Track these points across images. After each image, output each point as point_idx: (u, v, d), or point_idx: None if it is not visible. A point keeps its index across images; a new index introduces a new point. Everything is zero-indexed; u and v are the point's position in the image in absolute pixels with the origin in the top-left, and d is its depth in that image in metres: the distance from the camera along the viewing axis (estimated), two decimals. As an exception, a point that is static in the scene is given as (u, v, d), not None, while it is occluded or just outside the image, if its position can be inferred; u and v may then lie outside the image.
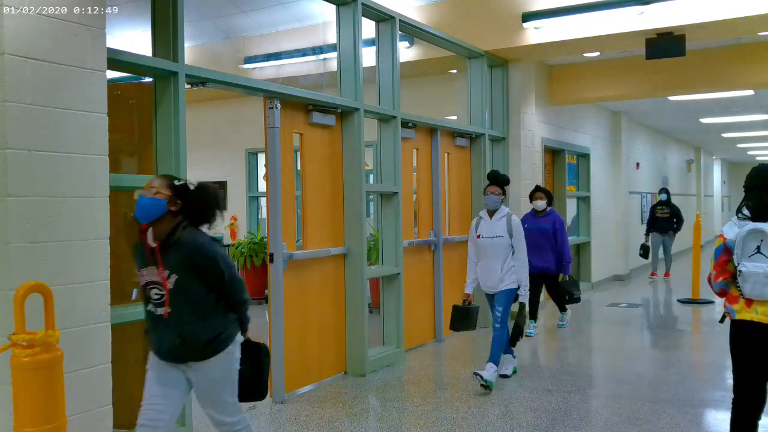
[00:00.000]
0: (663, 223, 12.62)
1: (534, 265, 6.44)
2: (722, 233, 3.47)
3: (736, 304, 3.43)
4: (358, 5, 5.93)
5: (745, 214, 3.39)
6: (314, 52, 8.66)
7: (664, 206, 12.63)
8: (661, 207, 12.66)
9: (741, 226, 3.37)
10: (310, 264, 5.63)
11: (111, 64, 3.76)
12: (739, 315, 3.40)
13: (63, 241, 3.43)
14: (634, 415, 4.83)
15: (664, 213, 12.61)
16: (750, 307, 3.35)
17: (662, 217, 12.61)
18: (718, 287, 3.49)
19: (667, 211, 12.59)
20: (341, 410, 5.04)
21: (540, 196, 7.60)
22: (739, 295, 3.38)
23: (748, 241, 3.30)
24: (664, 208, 12.62)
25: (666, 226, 12.62)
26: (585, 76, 10.02)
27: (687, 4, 6.75)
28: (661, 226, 12.65)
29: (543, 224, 7.49)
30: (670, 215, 12.58)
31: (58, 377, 2.92)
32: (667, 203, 12.61)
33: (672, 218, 12.59)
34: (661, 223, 12.65)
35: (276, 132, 5.25)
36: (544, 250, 7.40)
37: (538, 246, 7.22)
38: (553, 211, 7.65)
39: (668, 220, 12.60)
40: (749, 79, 9.17)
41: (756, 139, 19.00)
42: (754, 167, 3.57)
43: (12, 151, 3.21)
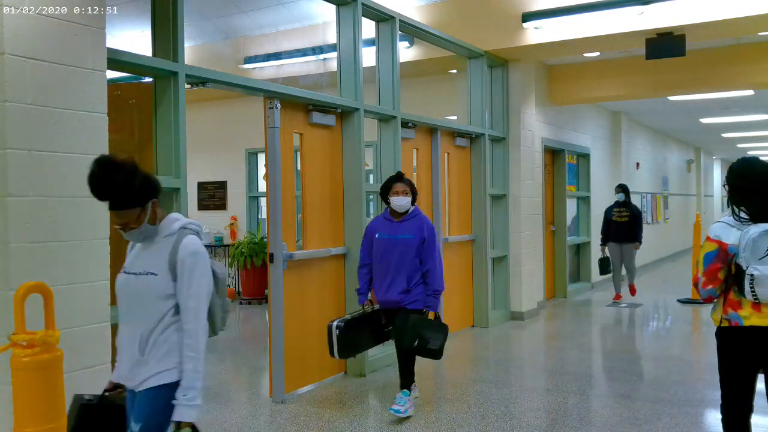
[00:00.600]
0: (621, 229, 10.01)
1: (382, 297, 4.94)
2: (717, 238, 3.20)
3: (741, 310, 3.18)
4: (358, 5, 5.93)
5: (745, 216, 3.18)
6: (314, 52, 8.65)
7: (621, 209, 10.00)
8: (618, 210, 10.01)
9: (741, 228, 3.15)
10: (310, 264, 5.63)
11: (111, 64, 3.76)
12: (749, 321, 3.15)
13: (63, 241, 3.43)
14: (634, 415, 4.83)
15: (621, 216, 9.97)
16: (761, 311, 3.13)
17: (619, 222, 9.99)
18: (706, 294, 3.28)
19: (625, 215, 9.96)
20: (341, 410, 5.04)
21: (401, 190, 4.91)
22: (741, 300, 3.17)
23: (759, 243, 3.08)
24: (621, 211, 9.99)
25: (624, 234, 10.02)
26: (585, 76, 10.02)
27: (687, 4, 6.75)
28: (618, 233, 10.02)
29: (403, 233, 4.86)
30: (629, 220, 9.97)
31: (58, 377, 2.92)
32: (625, 204, 10.02)
33: (632, 223, 9.97)
34: (618, 229, 10.01)
35: (276, 132, 5.25)
36: (399, 274, 4.82)
37: (391, 266, 4.84)
38: (418, 212, 4.99)
39: (627, 227, 9.99)
40: (749, 79, 9.17)
41: (756, 139, 19.00)
42: (746, 163, 3.30)
43: (12, 151, 3.21)
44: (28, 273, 3.24)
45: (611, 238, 10.04)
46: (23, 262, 3.25)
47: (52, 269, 3.37)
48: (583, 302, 10.32)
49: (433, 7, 7.87)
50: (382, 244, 4.91)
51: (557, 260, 10.61)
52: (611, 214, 10.05)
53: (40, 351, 2.85)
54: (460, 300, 7.95)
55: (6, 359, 2.90)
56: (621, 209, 9.99)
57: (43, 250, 3.34)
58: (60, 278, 3.39)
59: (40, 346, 2.85)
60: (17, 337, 2.83)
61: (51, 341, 2.88)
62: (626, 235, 9.98)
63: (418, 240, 4.83)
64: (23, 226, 3.26)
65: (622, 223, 9.99)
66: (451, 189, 7.80)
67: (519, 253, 8.55)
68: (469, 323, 8.13)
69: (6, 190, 3.20)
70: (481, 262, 8.11)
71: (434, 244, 4.87)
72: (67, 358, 3.12)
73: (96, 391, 2.76)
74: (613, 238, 10.03)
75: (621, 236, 10.00)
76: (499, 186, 8.52)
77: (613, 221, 10.01)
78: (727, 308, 3.24)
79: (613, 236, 10.02)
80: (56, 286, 3.24)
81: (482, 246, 8.10)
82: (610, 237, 10.05)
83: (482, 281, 8.11)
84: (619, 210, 9.99)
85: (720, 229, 3.22)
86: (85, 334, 3.53)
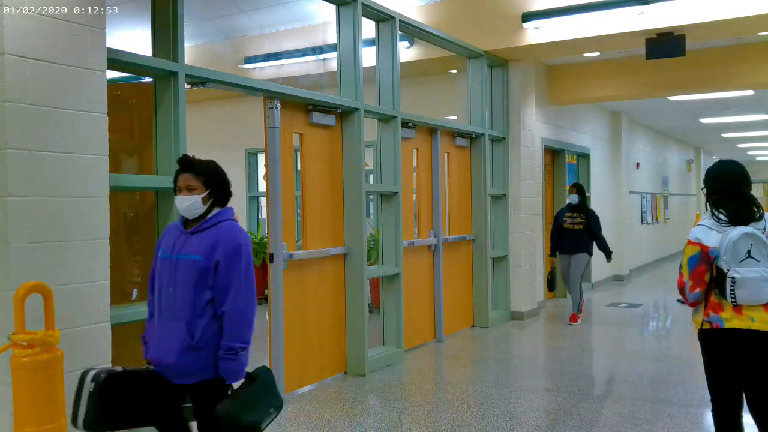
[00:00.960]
0: (573, 238, 8.20)
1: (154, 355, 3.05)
2: (697, 241, 3.20)
3: (723, 313, 3.19)
4: (358, 5, 5.93)
5: (724, 218, 3.19)
6: (314, 52, 8.66)
7: (574, 213, 8.28)
8: (570, 215, 8.29)
9: (721, 230, 3.16)
10: (310, 264, 5.63)
11: (111, 64, 3.76)
12: (730, 324, 3.15)
13: (63, 241, 3.43)
14: (634, 415, 4.83)
15: (575, 223, 8.21)
16: (742, 314, 3.14)
17: (572, 230, 8.24)
18: (693, 298, 3.25)
19: (579, 221, 8.22)
20: (341, 410, 5.04)
21: (186, 185, 3.13)
22: (722, 303, 3.18)
23: (739, 245, 3.11)
24: (575, 216, 8.26)
25: (577, 244, 8.19)
26: (585, 76, 10.02)
27: (687, 4, 6.75)
28: (569, 243, 8.23)
29: (188, 252, 3.04)
30: (584, 226, 8.24)
31: (58, 377, 2.92)
32: (579, 208, 8.27)
33: (587, 231, 8.25)
34: (570, 238, 8.23)
35: (276, 132, 5.25)
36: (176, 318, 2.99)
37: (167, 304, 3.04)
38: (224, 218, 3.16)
39: (581, 235, 8.23)
40: (749, 79, 9.16)
41: (756, 139, 18.99)
42: (721, 166, 3.33)
43: (12, 151, 3.21)
44: (28, 273, 3.24)
45: (561, 248, 8.35)
46: (23, 262, 3.25)
47: (52, 269, 3.37)
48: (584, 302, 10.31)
49: (433, 7, 7.87)
50: (161, 266, 3.09)
51: (557, 260, 10.59)
52: (562, 219, 8.36)
53: (40, 351, 2.85)
54: (460, 300, 7.95)
55: (6, 359, 2.90)
56: (574, 214, 8.27)
57: (43, 250, 3.34)
58: (60, 278, 3.39)
59: (40, 346, 2.85)
60: (17, 337, 2.83)
61: (51, 341, 2.88)
62: (579, 246, 8.23)
63: (208, 264, 2.98)
64: (23, 226, 3.26)
65: (574, 231, 8.24)
66: (451, 189, 7.80)
67: (519, 253, 8.55)
68: (469, 323, 8.13)
69: (6, 190, 3.20)
70: (481, 262, 8.11)
71: (238, 271, 2.99)
72: (67, 358, 3.12)
73: None
74: (563, 249, 8.32)
75: (572, 246, 8.22)
76: (499, 186, 8.52)
77: (565, 228, 8.31)
78: (708, 311, 3.24)
79: (564, 246, 8.29)
80: (56, 286, 3.24)
81: (482, 246, 8.10)
82: (559, 247, 8.38)
83: (482, 281, 8.11)
84: (572, 215, 8.28)
85: (700, 232, 3.21)
86: (85, 334, 3.53)
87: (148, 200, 4.41)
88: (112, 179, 3.75)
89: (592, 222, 8.28)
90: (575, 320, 8.40)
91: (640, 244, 14.73)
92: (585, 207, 8.36)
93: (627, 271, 13.15)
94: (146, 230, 4.40)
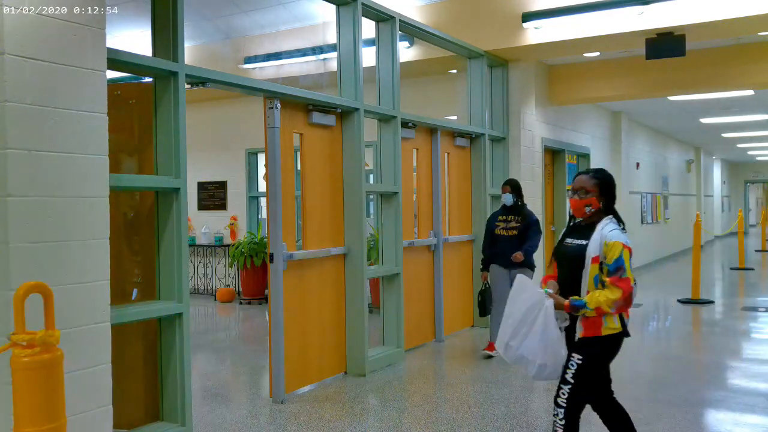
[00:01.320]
0: (508, 247, 6.40)
1: None
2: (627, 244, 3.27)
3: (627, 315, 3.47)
4: (358, 5, 5.93)
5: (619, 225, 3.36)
6: (314, 52, 8.66)
7: (509, 216, 6.53)
8: (504, 218, 6.55)
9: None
10: (310, 264, 5.63)
11: (111, 64, 3.76)
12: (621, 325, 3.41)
13: (63, 241, 3.43)
14: (635, 415, 4.81)
15: (509, 228, 6.48)
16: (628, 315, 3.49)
17: (505, 237, 6.46)
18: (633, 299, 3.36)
19: (514, 226, 6.47)
20: (341, 410, 5.04)
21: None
22: None
23: None
24: (508, 220, 6.52)
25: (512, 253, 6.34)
26: (585, 76, 10.02)
27: (687, 4, 6.75)
28: (503, 253, 6.43)
29: None
30: (519, 232, 6.45)
31: (58, 377, 2.92)
32: (514, 210, 6.54)
33: (524, 236, 6.43)
34: (504, 247, 6.44)
35: (276, 132, 5.25)
36: None
37: None
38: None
39: (517, 243, 6.40)
40: (749, 79, 9.17)
41: (756, 139, 19.01)
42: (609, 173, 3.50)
43: (12, 151, 3.21)
44: (28, 273, 3.24)
45: (494, 259, 6.58)
46: (23, 262, 3.25)
47: (52, 269, 3.37)
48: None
49: (433, 7, 7.87)
50: None
51: (557, 260, 10.58)
52: (493, 224, 6.64)
53: (40, 351, 2.85)
54: (460, 300, 7.95)
55: (6, 359, 2.90)
56: (508, 217, 6.55)
57: (43, 250, 3.34)
58: (60, 278, 3.39)
59: (40, 346, 2.84)
60: (17, 337, 2.83)
61: (51, 341, 2.88)
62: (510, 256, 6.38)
63: None
64: (23, 226, 3.26)
65: (508, 238, 6.46)
66: (451, 189, 7.80)
67: (519, 253, 8.53)
68: (469, 323, 8.13)
69: (6, 190, 3.19)
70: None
71: None
72: (67, 358, 3.12)
73: (96, 390, 2.68)
74: (497, 261, 6.56)
75: (507, 258, 6.40)
76: (499, 186, 8.51)
77: (497, 235, 6.56)
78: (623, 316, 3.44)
79: (497, 258, 6.55)
80: (56, 286, 3.24)
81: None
82: (492, 258, 6.61)
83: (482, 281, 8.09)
84: (506, 218, 6.56)
85: (624, 237, 3.28)
86: (85, 334, 3.53)
87: (148, 200, 4.41)
88: (112, 179, 3.75)
89: (528, 227, 6.47)
90: (492, 348, 6.40)
91: (640, 244, 14.71)
92: (521, 209, 6.59)
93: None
94: (146, 230, 4.40)
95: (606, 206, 3.39)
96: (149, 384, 4.35)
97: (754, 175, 32.55)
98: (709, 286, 12.07)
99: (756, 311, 9.41)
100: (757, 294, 11.52)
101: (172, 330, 4.28)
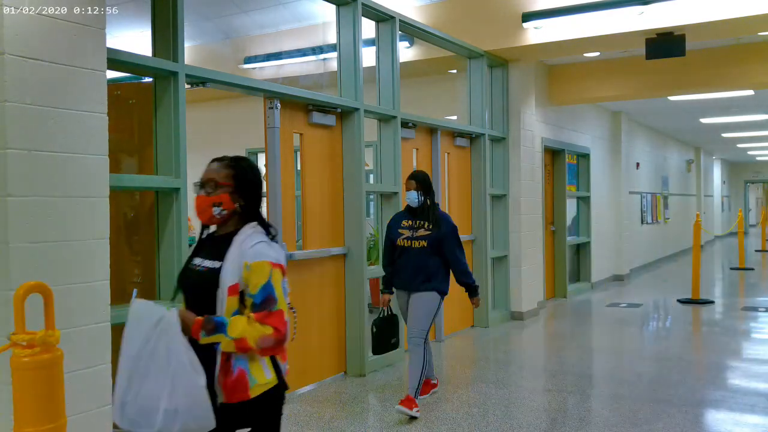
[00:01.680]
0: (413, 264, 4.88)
1: None
2: (278, 262, 2.34)
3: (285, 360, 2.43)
4: (358, 5, 5.93)
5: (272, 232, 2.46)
6: (314, 52, 8.66)
7: (416, 221, 4.93)
8: (408, 223, 4.96)
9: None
10: (310, 264, 5.63)
11: (111, 64, 3.76)
12: None
13: (63, 241, 3.43)
14: (634, 415, 4.83)
15: (415, 238, 4.89)
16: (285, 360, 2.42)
17: (410, 249, 4.90)
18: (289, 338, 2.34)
19: (423, 234, 4.88)
20: (341, 410, 5.04)
21: None
22: None
23: None
24: (415, 226, 4.92)
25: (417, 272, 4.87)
26: (585, 76, 10.02)
27: (687, 4, 6.75)
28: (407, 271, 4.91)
29: None
30: (430, 243, 4.85)
31: (58, 377, 2.92)
32: (422, 213, 4.92)
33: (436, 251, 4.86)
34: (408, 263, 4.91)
35: (276, 132, 5.25)
36: None
37: None
38: None
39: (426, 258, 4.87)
40: (749, 79, 9.17)
41: (756, 139, 19.00)
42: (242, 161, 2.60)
43: (12, 151, 3.21)
44: (28, 273, 3.24)
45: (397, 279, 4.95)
46: (23, 262, 3.25)
47: (52, 269, 3.37)
48: (583, 302, 10.32)
49: (433, 7, 7.87)
50: None
51: (557, 260, 10.62)
52: (396, 232, 4.92)
53: (40, 351, 2.84)
54: (460, 300, 7.94)
55: (6, 359, 2.90)
56: (415, 222, 4.88)
57: (43, 250, 3.34)
58: (60, 278, 3.39)
59: (40, 346, 2.84)
60: (17, 337, 2.82)
61: (51, 341, 2.88)
62: (420, 275, 4.81)
63: None
64: (23, 226, 3.25)
65: (417, 250, 4.81)
66: (451, 189, 7.80)
67: (519, 253, 8.55)
68: (469, 323, 8.13)
69: (6, 190, 3.19)
70: (481, 262, 8.11)
71: None
72: (67, 358, 3.12)
73: (96, 390, 2.67)
74: (399, 280, 4.93)
75: (410, 277, 4.83)
76: (499, 186, 8.52)
77: (399, 246, 4.89)
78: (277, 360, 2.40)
79: (399, 275, 4.91)
80: (56, 286, 3.23)
81: (482, 246, 8.10)
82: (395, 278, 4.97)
83: (482, 281, 8.11)
84: (411, 224, 4.88)
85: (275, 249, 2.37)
86: (85, 334, 3.53)
87: (148, 200, 4.41)
88: (112, 179, 3.75)
89: (445, 236, 4.74)
90: (410, 406, 4.68)
91: (640, 244, 14.73)
92: (432, 212, 4.81)
93: (627, 271, 13.15)
94: (146, 230, 4.40)
95: (247, 209, 2.45)
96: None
97: (754, 175, 32.56)
98: (709, 286, 12.07)
99: (756, 311, 9.42)
100: (757, 294, 11.52)
101: (172, 330, 4.27)
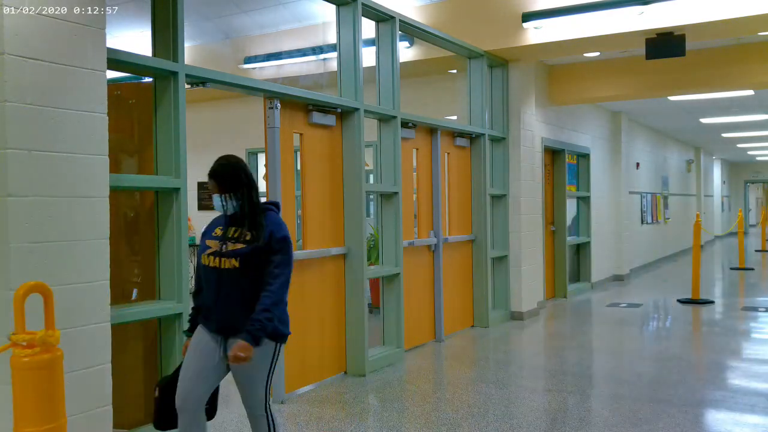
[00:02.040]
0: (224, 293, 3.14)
1: None
2: None
3: None
4: (358, 5, 5.93)
5: None
6: (314, 52, 8.66)
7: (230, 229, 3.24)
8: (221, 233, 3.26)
9: None
10: (310, 264, 5.63)
11: (111, 64, 3.76)
12: None
13: (63, 241, 3.43)
14: (634, 415, 4.83)
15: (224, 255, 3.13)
16: None
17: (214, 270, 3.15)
18: None
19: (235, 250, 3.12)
20: (341, 410, 5.04)
21: None
22: None
23: None
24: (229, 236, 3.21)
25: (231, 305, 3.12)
26: (585, 76, 10.02)
27: (687, 4, 6.75)
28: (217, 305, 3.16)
29: None
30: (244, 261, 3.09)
31: (58, 377, 2.92)
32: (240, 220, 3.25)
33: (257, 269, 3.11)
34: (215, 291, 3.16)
35: (276, 132, 5.25)
36: None
37: None
38: None
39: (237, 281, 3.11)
40: (749, 79, 9.17)
41: (756, 139, 19.01)
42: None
43: (12, 151, 3.21)
44: (28, 273, 3.24)
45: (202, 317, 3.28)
46: (23, 262, 3.25)
47: (52, 269, 3.37)
48: (583, 302, 10.33)
49: (433, 7, 7.87)
50: None
51: (557, 260, 10.62)
52: (204, 246, 3.30)
53: (40, 351, 2.84)
54: (460, 300, 7.95)
55: (6, 359, 2.90)
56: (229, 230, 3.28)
57: (43, 250, 3.34)
58: (60, 278, 3.39)
59: (40, 346, 2.84)
60: (17, 337, 2.82)
61: (51, 341, 2.88)
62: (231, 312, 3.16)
63: None
64: (23, 226, 3.26)
65: (224, 272, 3.15)
66: (451, 189, 7.80)
67: (519, 253, 8.55)
68: (469, 323, 8.13)
69: (6, 190, 3.19)
70: (481, 262, 8.11)
71: None
72: (67, 358, 3.12)
73: (96, 390, 2.68)
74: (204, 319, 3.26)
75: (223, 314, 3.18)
76: (499, 186, 8.52)
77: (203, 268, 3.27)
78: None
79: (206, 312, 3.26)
80: (56, 286, 3.24)
81: (482, 246, 8.11)
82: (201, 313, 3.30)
83: (482, 281, 8.11)
84: (224, 234, 3.27)
85: None
86: (85, 334, 3.53)
87: (148, 200, 4.41)
88: (112, 179, 3.75)
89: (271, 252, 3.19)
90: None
91: (640, 244, 14.73)
92: (255, 216, 3.32)
93: (627, 271, 13.15)
94: (146, 230, 4.40)
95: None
96: (149, 384, 4.34)
97: (754, 175, 32.56)
98: (709, 286, 12.07)
99: (756, 311, 9.42)
100: (757, 294, 11.52)
101: (172, 330, 4.28)
